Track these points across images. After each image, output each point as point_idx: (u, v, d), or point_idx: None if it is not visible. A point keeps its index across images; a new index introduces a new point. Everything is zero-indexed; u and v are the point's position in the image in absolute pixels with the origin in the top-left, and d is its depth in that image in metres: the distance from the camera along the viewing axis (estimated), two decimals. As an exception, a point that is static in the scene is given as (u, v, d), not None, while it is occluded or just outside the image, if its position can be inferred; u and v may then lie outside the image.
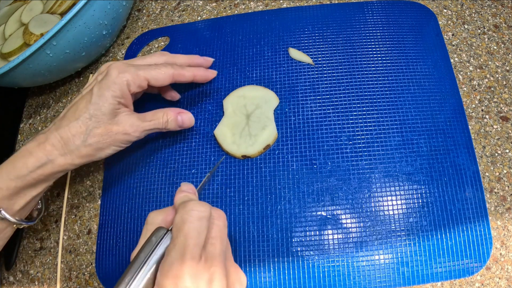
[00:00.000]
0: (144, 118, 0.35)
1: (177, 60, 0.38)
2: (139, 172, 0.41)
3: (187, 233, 0.27)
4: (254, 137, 0.39)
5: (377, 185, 0.36)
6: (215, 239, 0.28)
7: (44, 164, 0.33)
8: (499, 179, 0.36)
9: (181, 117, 0.37)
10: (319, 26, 0.44)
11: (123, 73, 0.34)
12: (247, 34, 0.46)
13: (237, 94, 0.41)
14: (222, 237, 0.29)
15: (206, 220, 0.28)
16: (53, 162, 0.33)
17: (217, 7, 0.50)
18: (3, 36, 0.47)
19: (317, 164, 0.38)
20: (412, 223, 0.35)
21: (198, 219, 0.28)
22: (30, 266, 0.41)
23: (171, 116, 0.36)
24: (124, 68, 0.34)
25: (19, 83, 0.45)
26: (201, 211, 0.28)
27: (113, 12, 0.44)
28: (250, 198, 0.37)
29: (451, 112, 0.38)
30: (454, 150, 0.37)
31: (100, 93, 0.33)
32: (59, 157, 0.33)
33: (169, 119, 0.36)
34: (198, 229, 0.27)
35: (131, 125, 0.34)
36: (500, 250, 0.34)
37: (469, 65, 0.41)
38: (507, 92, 0.40)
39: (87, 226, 0.41)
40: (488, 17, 0.44)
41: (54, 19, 0.45)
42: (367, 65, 0.42)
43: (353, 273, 0.34)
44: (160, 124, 0.36)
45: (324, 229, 0.35)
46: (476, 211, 0.35)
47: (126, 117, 0.34)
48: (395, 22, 0.43)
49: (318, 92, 0.41)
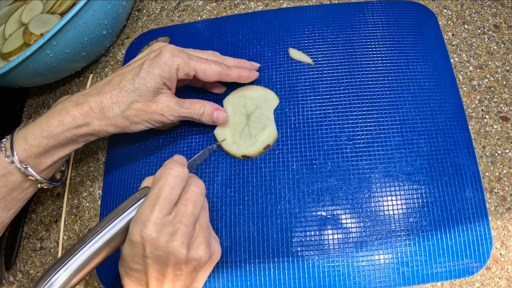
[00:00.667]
0: (183, 105, 0.36)
1: (226, 62, 0.39)
2: (139, 172, 0.41)
3: (161, 186, 0.29)
4: (254, 137, 0.39)
5: (377, 185, 0.36)
6: (188, 201, 0.30)
7: (80, 125, 0.33)
8: (499, 179, 0.36)
9: (216, 114, 0.38)
10: (319, 26, 0.44)
11: (176, 57, 0.34)
12: (247, 34, 0.46)
13: (237, 94, 0.41)
14: (196, 201, 0.31)
15: (181, 179, 0.30)
16: (89, 124, 0.33)
17: (217, 7, 0.50)
18: (3, 36, 0.47)
19: (317, 164, 0.38)
20: (412, 223, 0.35)
21: (173, 177, 0.30)
22: (30, 266, 0.41)
23: (208, 110, 0.37)
24: (177, 53, 0.35)
25: (19, 83, 0.45)
26: (178, 171, 0.30)
27: (113, 12, 0.44)
28: (250, 198, 0.37)
29: (451, 112, 0.38)
30: (454, 150, 0.37)
31: (149, 69, 0.34)
32: (95, 121, 0.33)
33: (205, 112, 0.37)
34: (171, 185, 0.29)
35: (168, 107, 0.35)
36: (500, 250, 0.34)
37: (469, 65, 0.41)
38: (507, 92, 0.40)
39: (87, 226, 0.41)
40: (488, 17, 0.44)
41: (54, 19, 0.45)
42: (367, 65, 0.42)
43: (353, 273, 0.34)
44: (195, 115, 0.37)
45: (324, 229, 0.35)
46: (476, 211, 0.35)
47: (166, 98, 0.35)
48: (395, 22, 0.43)
49: (318, 92, 0.41)
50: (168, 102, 0.35)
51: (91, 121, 0.33)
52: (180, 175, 0.30)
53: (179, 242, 0.28)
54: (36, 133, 0.32)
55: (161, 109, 0.35)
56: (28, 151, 0.32)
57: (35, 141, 0.32)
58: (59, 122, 0.33)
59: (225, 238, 0.36)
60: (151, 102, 0.34)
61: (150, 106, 0.34)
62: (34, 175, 0.33)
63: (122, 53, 0.50)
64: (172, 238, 0.28)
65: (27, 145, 0.32)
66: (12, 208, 0.34)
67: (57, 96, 0.50)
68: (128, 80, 0.34)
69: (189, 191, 0.31)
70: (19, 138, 0.32)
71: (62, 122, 0.33)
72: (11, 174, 0.32)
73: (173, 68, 0.34)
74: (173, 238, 0.28)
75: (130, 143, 0.43)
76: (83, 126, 0.33)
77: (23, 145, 0.32)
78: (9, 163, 0.32)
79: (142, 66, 0.34)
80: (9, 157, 0.32)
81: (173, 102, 0.35)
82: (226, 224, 0.37)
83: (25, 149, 0.32)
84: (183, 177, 0.31)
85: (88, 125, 0.33)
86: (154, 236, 0.28)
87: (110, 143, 0.44)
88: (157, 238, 0.28)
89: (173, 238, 0.28)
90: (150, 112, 0.35)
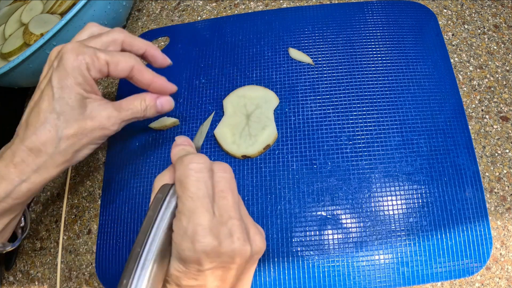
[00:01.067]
0: (121, 107, 0.31)
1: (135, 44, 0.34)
2: (139, 172, 0.41)
3: (192, 186, 0.25)
4: (254, 137, 0.39)
5: (377, 185, 0.36)
6: (224, 191, 0.26)
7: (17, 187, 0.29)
8: (499, 179, 0.36)
9: (160, 101, 0.33)
10: (319, 26, 0.44)
11: (81, 55, 0.29)
12: (247, 34, 0.46)
13: (237, 94, 0.41)
14: (232, 189, 0.26)
15: (207, 170, 0.26)
16: (28, 182, 0.29)
17: (217, 7, 0.50)
18: (3, 36, 0.47)
19: (317, 164, 0.38)
20: (412, 223, 0.35)
21: (199, 171, 0.25)
22: (30, 266, 0.41)
23: (149, 102, 0.33)
24: (81, 50, 0.29)
25: (19, 83, 0.45)
26: (200, 163, 0.26)
27: (113, 12, 0.44)
28: (250, 198, 0.37)
29: (451, 112, 0.38)
30: (454, 150, 0.37)
31: (61, 84, 0.28)
32: (33, 175, 0.29)
33: (147, 106, 0.33)
34: (202, 180, 0.25)
35: (107, 117, 0.30)
36: (500, 250, 0.34)
37: (469, 65, 0.41)
38: (507, 92, 0.40)
39: (87, 226, 0.41)
40: (488, 17, 0.44)
41: (54, 19, 0.45)
42: (367, 65, 0.42)
43: (353, 273, 0.34)
44: (138, 113, 0.32)
45: (324, 229, 0.35)
46: (476, 211, 0.35)
47: (100, 108, 0.30)
48: (395, 22, 0.43)
49: (318, 92, 0.41)
50: (103, 111, 0.30)
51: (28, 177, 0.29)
52: (204, 166, 0.26)
53: (241, 241, 0.24)
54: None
55: (100, 123, 0.30)
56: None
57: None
58: None
59: (225, 238, 0.36)
60: (84, 121, 0.29)
61: (85, 125, 0.29)
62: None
63: (122, 53, 0.50)
64: (232, 239, 0.24)
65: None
66: None
67: (57, 96, 0.50)
68: (45, 110, 0.28)
69: (220, 180, 0.26)
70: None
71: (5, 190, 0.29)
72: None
73: (83, 69, 0.29)
74: (233, 239, 0.24)
75: (130, 143, 0.43)
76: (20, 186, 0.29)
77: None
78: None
79: (51, 85, 0.29)
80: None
81: (110, 108, 0.30)
82: (226, 224, 0.37)
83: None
84: (208, 167, 0.26)
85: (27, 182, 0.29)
86: (215, 244, 0.23)
87: (110, 143, 0.44)
88: (219, 245, 0.24)
89: (233, 239, 0.24)
90: (88, 132, 0.30)
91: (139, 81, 0.33)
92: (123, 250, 0.38)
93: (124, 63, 0.31)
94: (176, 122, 0.42)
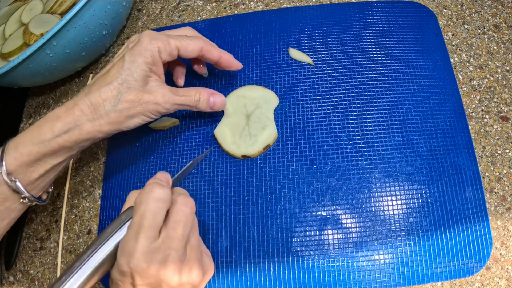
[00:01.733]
0: (177, 92, 0.35)
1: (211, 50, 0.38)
2: (139, 172, 0.41)
3: (143, 213, 0.28)
4: (254, 137, 0.39)
5: (377, 185, 0.36)
6: (177, 223, 0.28)
7: (71, 129, 0.32)
8: (499, 179, 0.36)
9: (213, 99, 0.37)
10: (319, 26, 0.44)
11: (155, 40, 0.33)
12: (247, 34, 0.46)
13: (237, 94, 0.41)
14: (186, 222, 0.29)
15: (163, 202, 0.28)
16: (81, 127, 0.32)
17: (217, 7, 0.50)
18: (3, 36, 0.47)
19: (317, 164, 0.38)
20: (412, 223, 0.35)
21: (154, 201, 0.28)
22: (30, 266, 0.41)
23: (203, 96, 0.36)
24: (155, 36, 0.34)
25: (19, 83, 0.45)
26: (159, 193, 0.29)
27: (113, 12, 0.44)
28: (250, 198, 0.37)
29: (451, 112, 0.38)
30: (454, 150, 0.37)
31: (132, 59, 0.33)
32: (87, 123, 0.32)
33: (201, 98, 0.36)
34: (154, 210, 0.28)
35: (162, 95, 0.34)
36: (500, 250, 0.34)
37: (469, 65, 0.41)
38: (507, 92, 0.40)
39: (87, 226, 0.41)
40: (488, 17, 0.44)
41: (54, 19, 0.45)
42: (367, 65, 0.42)
43: (353, 273, 0.34)
44: (191, 101, 0.36)
45: (324, 229, 0.35)
46: (476, 211, 0.35)
47: (158, 87, 0.34)
48: (395, 22, 0.43)
49: (318, 92, 0.41)
50: (161, 89, 0.34)
51: (83, 123, 0.32)
52: (162, 197, 0.28)
53: (171, 270, 0.27)
54: (26, 141, 0.32)
55: (155, 98, 0.33)
56: (19, 160, 0.31)
57: (26, 149, 0.31)
58: (49, 129, 0.32)
59: (225, 238, 0.36)
60: (142, 93, 0.33)
61: (143, 96, 0.33)
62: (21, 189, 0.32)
63: (122, 53, 0.50)
64: (163, 266, 0.27)
65: (17, 154, 0.31)
66: (6, 219, 0.34)
67: (57, 96, 0.50)
68: (113, 75, 0.33)
69: (178, 211, 0.29)
70: (10, 148, 0.32)
71: (52, 128, 0.32)
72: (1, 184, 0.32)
73: (155, 52, 0.33)
74: (164, 266, 0.27)
75: (130, 143, 0.43)
76: (74, 129, 0.32)
77: (13, 154, 0.31)
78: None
79: (124, 58, 0.33)
80: None
81: (167, 89, 0.34)
82: (226, 224, 0.37)
83: (15, 157, 0.31)
84: (165, 199, 0.29)
85: (80, 128, 0.32)
86: (144, 266, 0.26)
87: (110, 143, 0.44)
88: (147, 268, 0.26)
89: (164, 266, 0.27)
90: (144, 103, 0.33)
91: (208, 58, 0.37)
92: (123, 250, 0.38)
93: (193, 46, 0.35)
94: (176, 122, 0.42)
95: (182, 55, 0.36)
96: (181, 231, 0.28)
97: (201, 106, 0.37)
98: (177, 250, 0.28)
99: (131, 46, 0.34)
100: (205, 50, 0.36)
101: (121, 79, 0.33)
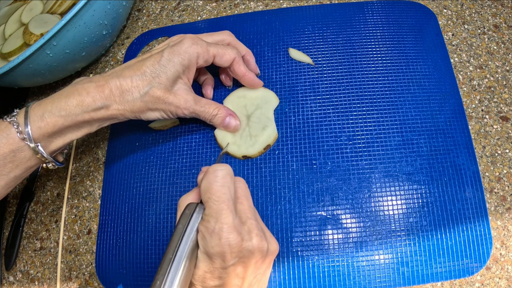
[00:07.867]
0: (199, 102, 0.36)
1: (239, 47, 0.40)
2: (139, 172, 0.41)
3: (218, 191, 0.29)
4: (254, 138, 0.39)
5: (377, 185, 0.36)
6: (241, 198, 0.31)
7: (99, 108, 0.33)
8: (499, 179, 0.36)
9: (229, 119, 0.38)
10: (319, 26, 0.44)
11: (195, 45, 0.35)
12: (247, 34, 0.46)
13: (237, 94, 0.41)
14: (247, 196, 0.32)
15: (230, 176, 0.30)
16: (108, 107, 0.33)
17: (217, 7, 0.50)
18: (3, 36, 0.47)
19: (317, 164, 0.38)
20: (412, 223, 0.35)
21: (223, 177, 0.30)
22: (30, 266, 0.41)
23: (221, 113, 0.37)
24: (197, 41, 0.35)
25: (19, 83, 0.45)
26: (223, 169, 0.30)
27: (113, 12, 0.44)
28: (250, 198, 0.37)
29: (451, 112, 0.38)
30: (454, 150, 0.37)
31: (170, 57, 0.34)
32: (114, 104, 0.33)
33: (218, 114, 0.37)
34: (227, 185, 0.30)
35: (185, 101, 0.35)
36: (500, 250, 0.34)
37: (469, 65, 0.41)
38: (507, 92, 0.40)
39: (87, 226, 0.41)
40: (488, 17, 0.44)
41: (54, 19, 0.45)
42: (367, 65, 0.42)
43: (353, 273, 0.34)
44: (208, 114, 0.37)
45: (324, 229, 0.35)
46: (476, 211, 0.35)
47: (184, 91, 0.35)
48: (395, 22, 0.43)
49: (318, 92, 0.41)
50: (186, 95, 0.35)
51: (111, 104, 0.33)
52: (227, 172, 0.31)
53: (259, 237, 0.29)
54: (54, 111, 0.31)
55: (178, 102, 0.35)
56: (43, 129, 0.31)
57: (52, 119, 0.31)
58: (78, 103, 0.32)
59: (225, 238, 0.36)
60: (169, 93, 0.34)
61: (168, 96, 0.34)
62: (44, 154, 0.32)
63: (122, 53, 0.50)
64: (251, 236, 0.29)
65: (43, 123, 0.31)
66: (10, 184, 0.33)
67: (57, 96, 0.50)
68: (148, 67, 0.33)
69: (238, 188, 0.32)
70: (35, 115, 0.31)
71: (81, 102, 0.32)
72: (21, 151, 0.31)
73: (193, 55, 0.34)
74: (252, 236, 0.29)
75: (130, 143, 0.43)
76: (102, 108, 0.33)
77: (38, 122, 0.31)
78: (20, 139, 0.31)
79: (162, 54, 0.34)
80: (22, 134, 0.30)
81: (191, 97, 0.35)
82: (226, 224, 0.37)
83: (40, 127, 0.31)
84: (231, 173, 0.31)
85: (107, 108, 0.33)
86: (238, 239, 0.28)
87: (110, 143, 0.44)
88: (241, 240, 0.28)
89: (252, 236, 0.29)
90: (167, 103, 0.34)
91: (235, 71, 0.38)
92: (123, 250, 0.38)
93: (228, 56, 0.37)
94: (176, 122, 0.42)
95: (216, 63, 0.37)
96: (247, 204, 0.31)
97: (216, 122, 0.38)
98: (254, 219, 0.30)
99: (172, 44, 0.35)
100: (235, 62, 0.37)
101: (155, 73, 0.33)
